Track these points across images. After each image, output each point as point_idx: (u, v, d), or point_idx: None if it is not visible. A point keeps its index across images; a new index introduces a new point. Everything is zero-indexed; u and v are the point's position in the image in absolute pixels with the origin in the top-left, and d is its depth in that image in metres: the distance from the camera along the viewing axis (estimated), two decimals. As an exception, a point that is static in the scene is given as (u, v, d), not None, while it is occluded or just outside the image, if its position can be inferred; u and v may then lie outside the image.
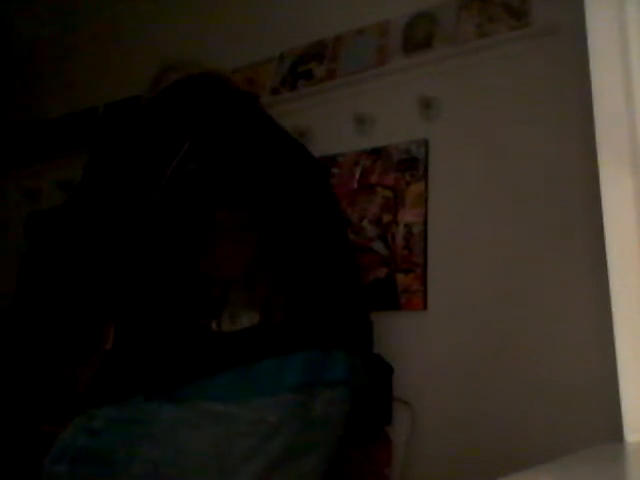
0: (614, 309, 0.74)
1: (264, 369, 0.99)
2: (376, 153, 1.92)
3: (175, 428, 0.98)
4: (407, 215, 1.81)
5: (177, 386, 0.98)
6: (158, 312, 1.04)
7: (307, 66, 2.14)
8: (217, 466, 0.98)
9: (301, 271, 1.10)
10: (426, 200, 1.79)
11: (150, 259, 1.07)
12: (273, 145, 1.24)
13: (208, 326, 0.99)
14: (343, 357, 1.09)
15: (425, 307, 1.72)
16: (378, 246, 1.83)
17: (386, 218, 1.84)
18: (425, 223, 1.78)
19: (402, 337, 1.74)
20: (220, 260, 1.03)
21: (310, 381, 1.04)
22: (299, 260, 1.11)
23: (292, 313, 1.03)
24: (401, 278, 1.77)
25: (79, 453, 1.00)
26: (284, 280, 1.06)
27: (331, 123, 2.03)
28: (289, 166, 1.23)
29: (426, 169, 1.82)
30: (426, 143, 1.84)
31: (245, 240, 1.06)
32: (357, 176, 1.93)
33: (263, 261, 1.05)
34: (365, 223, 1.88)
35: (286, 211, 1.15)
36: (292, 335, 1.03)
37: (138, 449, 0.97)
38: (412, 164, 1.84)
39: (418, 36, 1.93)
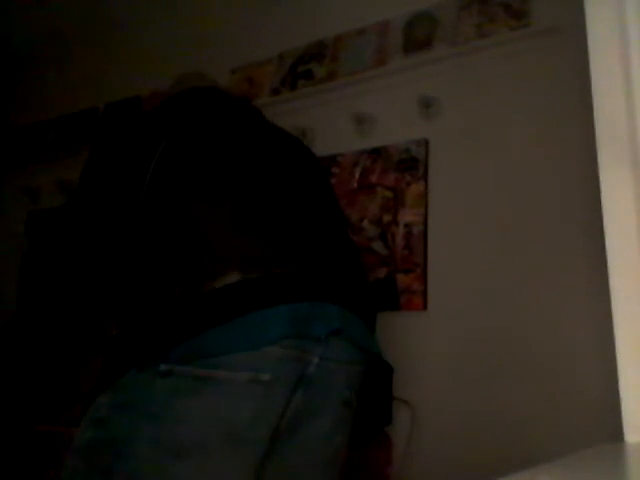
0: (614, 309, 0.74)
1: (247, 323, 0.98)
2: (376, 153, 1.92)
3: (171, 401, 0.97)
4: (407, 215, 1.81)
5: (165, 351, 0.98)
6: (144, 288, 1.06)
7: (307, 66, 2.15)
8: (224, 436, 0.98)
9: (285, 229, 1.12)
10: (426, 200, 1.80)
11: (139, 245, 1.09)
12: (257, 136, 1.28)
13: (188, 288, 1.00)
14: (335, 309, 1.08)
15: (425, 307, 1.72)
16: (378, 246, 1.83)
17: (386, 218, 1.84)
18: (425, 223, 1.78)
19: (402, 337, 1.74)
20: (201, 227, 1.06)
21: (298, 332, 1.02)
22: (283, 221, 1.13)
23: (271, 268, 1.03)
24: (401, 278, 1.77)
25: (91, 445, 1.01)
26: (264, 237, 1.07)
27: (331, 123, 2.03)
28: (274, 150, 1.28)
29: (426, 169, 1.82)
30: (426, 143, 1.84)
31: (222, 205, 1.09)
32: (357, 176, 1.93)
33: (242, 223, 1.08)
34: (365, 223, 1.88)
35: (268, 179, 1.18)
36: (275, 289, 1.02)
37: (139, 429, 0.97)
38: (412, 164, 1.84)
39: (418, 36, 1.93)
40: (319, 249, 1.15)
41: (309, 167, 1.34)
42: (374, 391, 1.69)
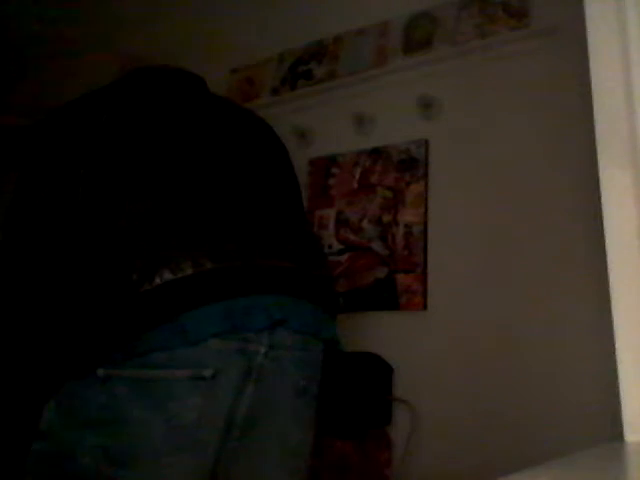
0: (614, 309, 0.74)
1: (182, 322, 0.95)
2: (376, 153, 1.92)
3: (113, 407, 0.94)
4: (407, 215, 1.81)
5: (101, 356, 0.94)
6: (73, 292, 1.00)
7: (307, 66, 2.15)
8: (171, 439, 0.94)
9: (219, 220, 1.06)
10: (426, 200, 1.80)
11: (67, 249, 1.04)
12: (188, 121, 1.20)
13: (118, 291, 0.96)
14: (275, 300, 1.04)
15: (425, 307, 1.72)
16: (378, 246, 1.83)
17: (386, 218, 1.84)
18: (425, 223, 1.78)
19: (402, 337, 1.74)
20: (125, 225, 1.01)
21: (234, 327, 0.98)
22: (217, 212, 1.08)
23: (203, 266, 0.98)
24: (401, 278, 1.77)
25: (37, 460, 0.97)
26: (195, 231, 1.03)
27: (331, 123, 2.03)
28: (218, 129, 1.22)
29: (426, 169, 1.82)
30: (426, 143, 1.84)
31: (147, 202, 1.04)
32: (357, 176, 1.94)
33: (170, 218, 1.03)
34: (365, 223, 1.88)
35: (200, 168, 1.12)
36: (209, 286, 0.98)
37: (82, 440, 0.93)
38: (412, 164, 1.84)
39: (418, 36, 1.93)
40: (259, 238, 1.09)
41: (257, 149, 1.27)
42: (374, 390, 1.69)
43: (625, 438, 0.72)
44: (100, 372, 0.94)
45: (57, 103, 1.22)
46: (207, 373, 0.95)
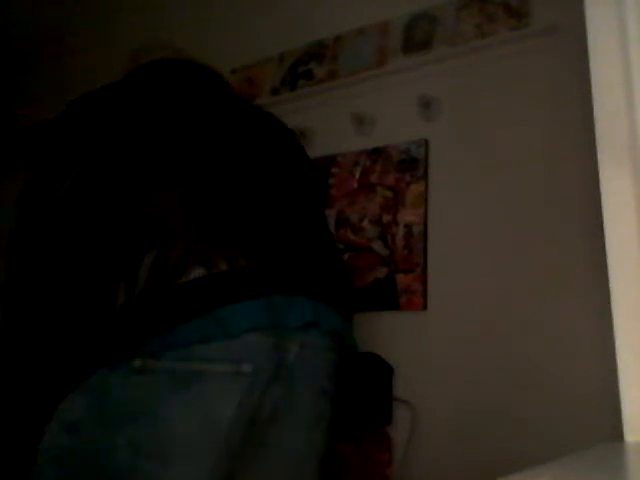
0: (614, 309, 0.74)
1: (220, 315, 0.93)
2: (376, 153, 1.92)
3: (149, 400, 0.91)
4: (407, 215, 1.81)
5: (136, 347, 0.91)
6: (105, 284, 0.98)
7: (307, 66, 2.15)
8: (209, 437, 0.92)
9: (253, 221, 1.06)
10: (426, 200, 1.79)
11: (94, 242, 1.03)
12: (225, 122, 1.21)
13: (154, 284, 0.94)
14: (305, 301, 1.03)
15: (425, 307, 1.72)
16: (378, 246, 1.83)
17: (386, 218, 1.84)
18: (425, 223, 1.78)
19: (402, 337, 1.74)
20: (163, 220, 1.00)
21: (273, 322, 0.97)
22: (252, 213, 1.07)
23: (237, 262, 0.97)
24: (401, 278, 1.77)
25: (65, 455, 0.93)
26: (231, 228, 1.02)
27: (331, 123, 2.03)
28: (236, 129, 1.21)
29: (426, 169, 1.82)
30: (426, 143, 1.84)
31: (184, 197, 1.03)
32: (357, 176, 1.94)
33: (206, 214, 1.02)
34: (365, 223, 1.88)
35: (236, 166, 1.12)
36: (246, 282, 0.97)
37: (117, 434, 0.90)
38: (412, 164, 1.84)
39: (418, 36, 1.93)
40: (290, 241, 1.09)
41: (285, 154, 1.27)
42: (374, 391, 1.69)
43: (625, 438, 0.72)
44: (137, 363, 0.91)
45: (57, 103, 1.21)
46: (247, 369, 0.94)
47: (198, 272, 0.94)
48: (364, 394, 1.69)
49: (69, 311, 1.01)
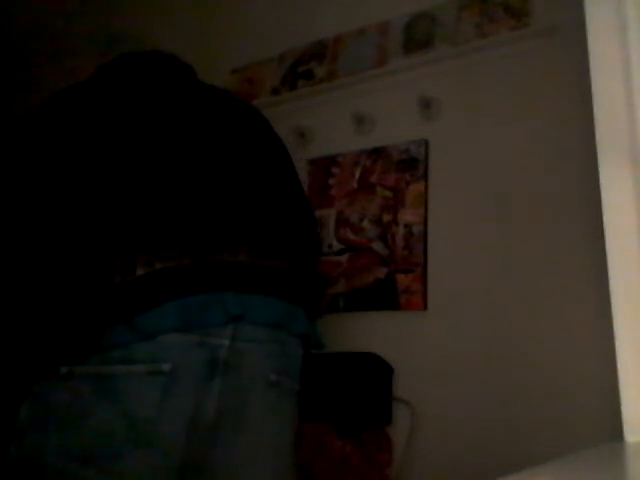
0: (614, 309, 0.74)
1: (136, 321, 0.95)
2: (376, 153, 1.92)
3: (76, 404, 0.94)
4: (407, 215, 1.81)
5: (64, 354, 0.95)
6: (37, 290, 1.00)
7: (307, 66, 2.14)
8: (130, 436, 0.93)
9: (178, 216, 1.05)
10: (426, 200, 1.79)
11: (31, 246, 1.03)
12: (164, 111, 1.18)
13: (78, 290, 0.97)
14: (229, 297, 1.03)
15: (425, 307, 1.72)
16: (378, 246, 1.83)
17: (386, 218, 1.84)
18: (425, 223, 1.78)
19: (402, 337, 1.74)
20: (85, 224, 1.00)
21: (190, 323, 0.98)
22: (178, 208, 1.06)
23: (151, 265, 0.98)
24: (401, 278, 1.77)
25: (12, 463, 0.97)
26: (151, 227, 1.02)
27: (331, 123, 2.03)
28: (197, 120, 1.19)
29: (426, 169, 1.82)
30: (426, 143, 1.84)
31: (105, 200, 1.02)
32: (357, 176, 1.93)
33: (125, 214, 1.02)
34: (365, 223, 1.88)
35: (165, 160, 1.10)
36: (162, 285, 0.98)
37: (48, 439, 0.93)
38: (412, 164, 1.84)
39: (418, 36, 1.93)
40: (215, 234, 1.07)
41: (241, 138, 1.24)
42: (374, 390, 1.69)
43: (625, 438, 0.72)
44: (63, 370, 0.94)
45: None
46: (165, 367, 0.95)
47: (117, 278, 0.96)
48: (364, 394, 1.69)
49: (11, 319, 1.03)
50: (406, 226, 1.80)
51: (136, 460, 0.94)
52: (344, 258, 1.88)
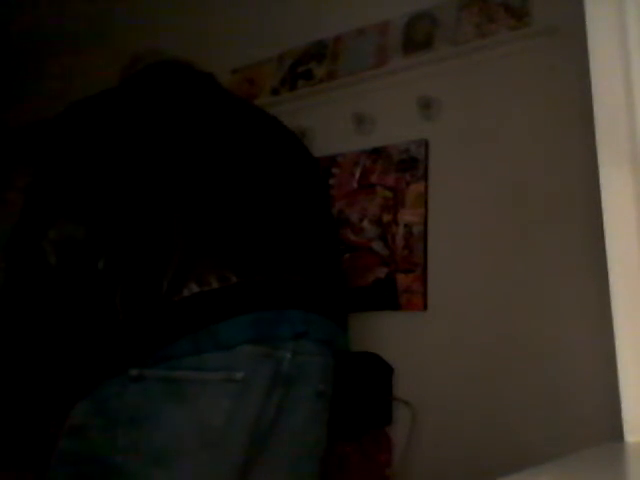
0: (614, 309, 0.74)
1: (212, 331, 0.98)
2: (376, 153, 1.92)
3: (146, 405, 0.96)
4: (407, 215, 1.81)
5: (134, 358, 0.97)
6: (108, 299, 1.03)
7: (307, 66, 2.15)
8: (200, 439, 0.97)
9: (246, 235, 1.09)
10: (426, 200, 1.80)
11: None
12: (219, 129, 1.21)
13: (149, 301, 0.99)
14: (296, 314, 1.09)
15: (425, 307, 1.72)
16: (378, 246, 1.83)
17: (386, 218, 1.84)
18: (425, 223, 1.78)
19: (402, 337, 1.74)
20: (159, 237, 1.04)
21: (263, 336, 1.02)
22: (245, 227, 1.10)
23: (227, 280, 1.02)
24: (401, 278, 1.77)
25: (67, 458, 0.99)
26: (223, 244, 1.05)
27: (331, 123, 2.03)
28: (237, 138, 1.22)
29: (426, 169, 1.82)
30: (426, 143, 1.84)
31: (179, 214, 1.06)
32: (357, 176, 1.94)
33: (199, 232, 1.05)
34: (365, 223, 1.88)
35: (228, 178, 1.14)
36: (237, 300, 1.02)
37: (115, 437, 0.96)
38: (412, 164, 1.84)
39: (418, 36, 1.93)
40: (284, 253, 1.13)
41: (284, 156, 1.29)
42: (374, 390, 1.69)
43: (625, 438, 0.72)
44: (133, 372, 0.97)
45: (57, 103, 1.21)
46: (238, 376, 0.99)
47: (191, 289, 0.99)
48: (364, 394, 1.69)
49: (75, 325, 1.07)
50: (406, 226, 1.80)
51: (205, 462, 0.97)
52: (344, 258, 1.88)
